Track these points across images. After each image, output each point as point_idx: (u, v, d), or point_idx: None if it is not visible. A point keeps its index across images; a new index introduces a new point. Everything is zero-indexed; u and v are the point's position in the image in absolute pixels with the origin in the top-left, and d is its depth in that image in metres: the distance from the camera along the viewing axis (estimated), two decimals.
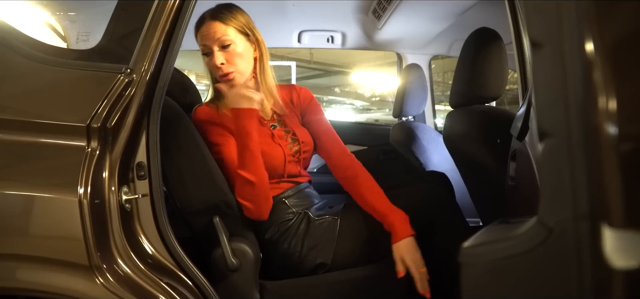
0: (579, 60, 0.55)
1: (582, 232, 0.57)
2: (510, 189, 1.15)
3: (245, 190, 1.34)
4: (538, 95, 0.63)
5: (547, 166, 0.62)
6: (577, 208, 0.58)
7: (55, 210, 1.02)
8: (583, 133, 0.56)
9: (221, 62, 1.40)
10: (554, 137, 0.61)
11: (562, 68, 0.58)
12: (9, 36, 1.14)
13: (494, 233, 0.77)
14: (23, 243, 1.02)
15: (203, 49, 1.43)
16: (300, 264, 1.41)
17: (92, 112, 1.05)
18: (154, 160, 1.14)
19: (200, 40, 1.43)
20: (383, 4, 2.28)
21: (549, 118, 0.61)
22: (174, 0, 1.13)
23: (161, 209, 1.15)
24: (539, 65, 0.63)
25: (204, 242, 1.35)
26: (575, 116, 0.57)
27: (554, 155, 0.61)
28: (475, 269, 0.71)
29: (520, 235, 0.66)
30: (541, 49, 0.62)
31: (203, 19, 1.43)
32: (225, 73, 1.41)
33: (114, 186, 1.07)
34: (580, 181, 0.57)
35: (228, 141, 1.41)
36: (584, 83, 0.55)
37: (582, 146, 0.57)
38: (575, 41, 0.55)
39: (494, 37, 1.51)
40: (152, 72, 1.11)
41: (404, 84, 2.59)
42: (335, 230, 1.41)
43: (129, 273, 1.06)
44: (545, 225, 0.62)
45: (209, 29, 1.41)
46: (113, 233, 1.07)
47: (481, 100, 1.54)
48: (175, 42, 1.15)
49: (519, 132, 0.99)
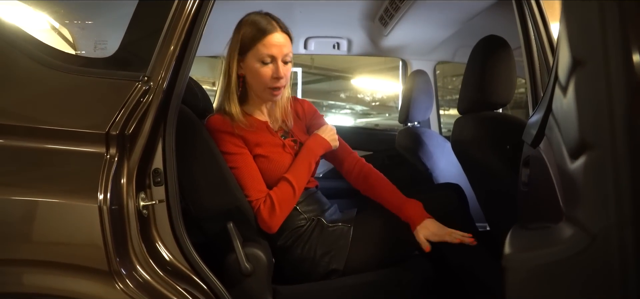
0: (624, 76, 0.57)
1: (626, 238, 0.59)
2: (523, 195, 1.16)
3: (285, 193, 1.40)
4: (580, 110, 0.65)
5: (590, 176, 0.64)
6: (620, 215, 0.60)
7: (75, 216, 1.03)
8: (628, 145, 0.58)
9: (283, 74, 1.43)
10: (597, 149, 0.63)
11: (607, 84, 0.60)
12: (26, 43, 1.15)
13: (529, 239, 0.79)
14: (44, 249, 1.04)
15: (264, 58, 1.40)
16: (313, 269, 1.42)
17: (110, 120, 1.06)
18: (170, 166, 1.15)
19: (266, 47, 1.40)
20: (390, 11, 2.30)
21: (593, 131, 0.64)
22: (190, 9, 1.15)
23: (177, 214, 1.16)
24: (581, 81, 0.65)
25: (218, 247, 1.36)
26: (620, 129, 0.59)
27: (598, 166, 0.63)
28: (520, 274, 0.73)
29: (564, 240, 0.68)
30: (584, 66, 0.64)
31: (272, 28, 1.41)
32: (280, 86, 1.44)
33: (131, 192, 1.09)
34: (625, 190, 0.59)
35: (243, 151, 1.43)
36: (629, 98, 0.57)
37: (627, 157, 0.59)
38: (620, 58, 0.57)
39: (503, 44, 1.53)
40: (168, 79, 1.12)
41: (410, 90, 2.60)
42: (348, 237, 1.43)
43: (148, 278, 1.08)
44: (588, 232, 0.64)
45: (280, 40, 1.41)
46: (131, 238, 1.08)
47: (490, 106, 1.55)
48: (191, 50, 1.16)
49: (534, 139, 1.00)
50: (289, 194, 1.41)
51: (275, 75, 1.41)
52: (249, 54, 1.42)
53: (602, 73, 0.61)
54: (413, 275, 1.45)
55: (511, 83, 1.52)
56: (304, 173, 1.45)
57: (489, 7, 2.10)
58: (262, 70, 1.41)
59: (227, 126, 1.43)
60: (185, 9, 1.14)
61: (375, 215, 1.51)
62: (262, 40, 1.40)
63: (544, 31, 1.30)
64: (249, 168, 1.42)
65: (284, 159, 1.48)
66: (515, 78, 1.54)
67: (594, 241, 0.63)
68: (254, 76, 1.44)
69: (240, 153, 1.42)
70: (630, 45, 0.55)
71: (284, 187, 1.41)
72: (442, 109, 7.15)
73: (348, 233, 1.44)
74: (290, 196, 1.41)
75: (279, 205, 1.38)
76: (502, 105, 1.56)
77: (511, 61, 1.51)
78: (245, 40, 1.41)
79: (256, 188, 1.40)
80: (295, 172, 1.43)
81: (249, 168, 1.41)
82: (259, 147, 1.45)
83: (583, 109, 0.66)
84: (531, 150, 1.08)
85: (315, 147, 1.49)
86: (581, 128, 0.66)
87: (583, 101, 0.66)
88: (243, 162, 1.42)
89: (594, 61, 0.62)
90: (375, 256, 1.44)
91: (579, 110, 0.67)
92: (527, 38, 1.49)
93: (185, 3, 1.14)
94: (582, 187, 0.66)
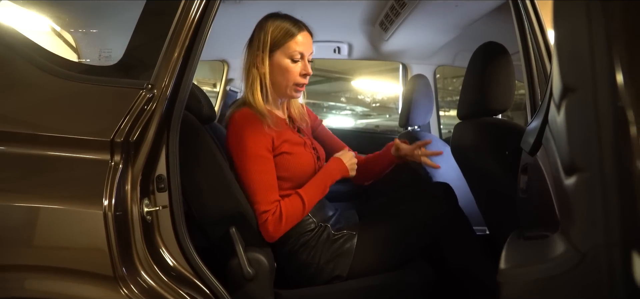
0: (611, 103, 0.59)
1: (614, 258, 0.61)
2: (522, 202, 1.18)
3: (295, 207, 1.42)
4: (571, 133, 0.67)
5: (580, 197, 0.66)
6: (609, 235, 0.62)
7: (80, 222, 1.05)
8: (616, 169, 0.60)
9: (310, 71, 1.50)
10: (586, 172, 0.65)
11: (595, 111, 0.62)
12: (30, 51, 1.17)
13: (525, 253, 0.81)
14: (49, 254, 1.05)
15: (294, 55, 1.47)
16: (317, 275, 1.44)
17: (115, 127, 1.08)
18: (174, 172, 1.17)
19: (298, 44, 1.47)
20: (390, 17, 2.31)
21: (582, 155, 0.66)
22: (193, 15, 1.16)
23: (180, 220, 1.18)
24: (572, 107, 0.67)
25: (221, 252, 1.38)
26: (609, 154, 0.61)
27: (587, 188, 0.65)
28: (514, 289, 0.75)
29: (555, 257, 0.70)
30: (574, 93, 0.66)
31: (302, 27, 1.51)
32: (305, 83, 1.52)
33: (136, 198, 1.10)
34: (613, 212, 0.61)
35: (269, 156, 1.43)
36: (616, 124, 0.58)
37: (615, 181, 0.60)
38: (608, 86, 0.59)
39: (502, 51, 1.54)
40: (172, 86, 1.14)
41: (410, 94, 2.62)
42: (353, 245, 1.45)
43: (152, 283, 1.09)
44: (579, 250, 0.65)
45: (306, 38, 1.50)
46: (135, 244, 1.10)
47: (490, 112, 1.57)
48: (195, 56, 1.18)
49: (531, 147, 1.02)
50: (298, 210, 1.42)
51: (303, 72, 1.49)
52: (278, 52, 1.47)
53: (591, 101, 0.63)
54: (413, 278, 1.47)
55: (510, 90, 1.54)
56: (317, 194, 1.48)
57: (489, 12, 2.12)
58: (292, 66, 1.48)
59: (259, 124, 1.42)
60: (188, 16, 1.16)
61: (379, 221, 1.53)
62: (294, 38, 1.47)
63: (541, 37, 1.31)
64: (268, 175, 1.41)
65: (306, 157, 1.51)
66: (514, 84, 1.56)
67: (584, 259, 0.65)
68: (282, 73, 1.48)
69: (267, 157, 1.42)
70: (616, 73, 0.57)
71: (296, 202, 1.42)
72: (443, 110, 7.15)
73: (353, 241, 1.46)
74: (299, 212, 1.43)
75: (286, 218, 1.39)
76: (501, 111, 1.58)
77: (510, 67, 1.53)
78: (276, 38, 1.47)
79: (269, 199, 1.39)
80: (309, 191, 1.45)
81: (268, 175, 1.41)
82: (286, 143, 1.47)
83: (573, 133, 0.68)
84: (529, 158, 1.09)
85: (335, 171, 1.53)
86: (572, 151, 0.68)
87: (573, 125, 0.68)
88: (267, 167, 1.42)
89: (583, 88, 0.64)
90: (379, 262, 1.47)
91: (570, 133, 0.68)
92: (525, 44, 1.50)
93: (189, 10, 1.16)
94: (573, 205, 0.68)
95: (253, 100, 1.46)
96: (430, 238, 1.52)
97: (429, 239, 1.52)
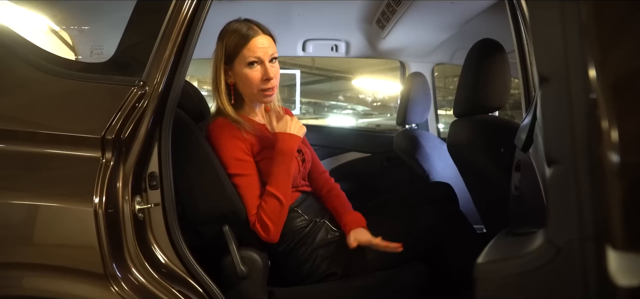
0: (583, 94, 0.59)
1: (587, 252, 0.61)
2: (515, 199, 1.18)
3: (272, 207, 1.37)
4: (546, 125, 0.67)
5: (555, 190, 0.65)
6: (583, 229, 0.61)
7: (70, 219, 1.04)
8: (588, 162, 0.60)
9: (273, 74, 1.45)
10: (561, 164, 0.64)
11: (568, 101, 0.62)
12: (22, 48, 1.17)
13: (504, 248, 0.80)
14: (39, 252, 1.05)
15: (251, 60, 1.43)
16: (312, 272, 1.44)
17: (106, 124, 1.07)
18: (166, 170, 1.16)
19: (251, 51, 1.42)
20: (387, 14, 2.31)
21: (557, 147, 0.65)
22: (185, 13, 1.16)
23: (173, 218, 1.17)
24: (546, 97, 0.66)
25: (214, 250, 1.37)
26: (581, 146, 0.61)
27: (561, 181, 0.64)
28: (490, 284, 0.75)
29: (530, 252, 0.69)
30: (549, 83, 0.65)
31: (255, 32, 1.44)
32: (272, 86, 1.46)
33: (127, 196, 1.10)
34: (586, 205, 0.60)
35: (250, 160, 1.43)
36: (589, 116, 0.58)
37: (588, 173, 0.60)
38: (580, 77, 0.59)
39: (497, 48, 1.54)
40: (164, 84, 1.13)
41: (407, 92, 2.61)
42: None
43: (143, 281, 1.09)
44: (554, 244, 0.65)
45: (264, 41, 1.44)
46: (127, 241, 1.09)
47: (485, 110, 1.56)
48: (187, 53, 1.17)
49: (524, 143, 1.02)
50: (274, 205, 1.38)
51: (264, 77, 1.44)
52: (236, 61, 1.45)
53: (565, 92, 0.62)
54: (408, 279, 1.47)
55: (506, 87, 1.53)
56: (284, 178, 1.40)
57: (486, 10, 2.11)
58: (250, 74, 1.44)
59: (234, 130, 1.43)
60: (181, 13, 1.15)
61: (377, 222, 1.52)
62: (247, 45, 1.42)
63: None
64: (252, 179, 1.41)
65: None
66: (509, 81, 1.55)
67: (559, 253, 0.64)
68: (244, 81, 1.46)
69: (247, 161, 1.42)
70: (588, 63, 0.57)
71: (269, 201, 1.38)
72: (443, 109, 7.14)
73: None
74: (277, 207, 1.38)
75: (269, 219, 1.37)
76: (496, 109, 1.57)
77: (506, 65, 1.52)
78: (230, 49, 1.44)
79: (256, 204, 1.39)
80: (275, 181, 1.40)
81: (252, 179, 1.41)
82: (267, 148, 1.46)
83: (549, 124, 0.67)
84: (522, 155, 1.09)
85: (287, 147, 1.42)
86: (547, 143, 0.67)
87: (548, 116, 0.67)
88: (249, 171, 1.42)
89: (557, 79, 0.64)
90: (375, 261, 1.46)
91: (546, 124, 0.68)
92: (520, 41, 1.50)
93: (182, 7, 1.16)
94: (549, 198, 0.68)
95: (224, 110, 1.46)
96: (430, 243, 1.51)
97: (428, 243, 1.51)
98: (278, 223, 1.39)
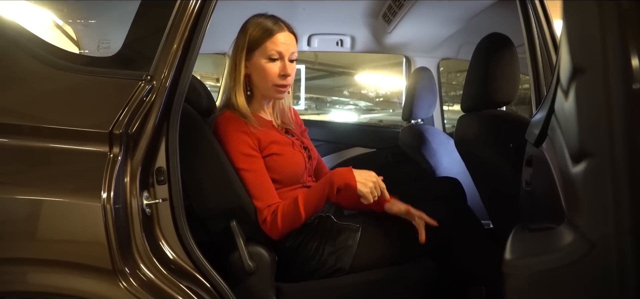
0: (623, 85, 0.57)
1: (625, 247, 0.59)
2: (526, 194, 1.16)
3: (291, 212, 1.36)
4: (580, 117, 0.65)
5: (589, 184, 0.64)
6: (620, 224, 0.59)
7: (79, 214, 1.04)
8: (628, 154, 0.58)
9: (290, 72, 1.46)
10: (596, 157, 0.62)
11: (606, 92, 0.60)
12: (29, 43, 1.16)
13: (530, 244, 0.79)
14: (47, 248, 1.05)
15: (272, 55, 1.43)
16: (319, 267, 1.43)
17: (114, 119, 1.07)
18: (174, 165, 1.16)
19: (274, 45, 1.43)
20: (393, 9, 2.29)
21: (592, 139, 0.63)
22: (193, 7, 1.15)
23: (181, 213, 1.16)
24: (581, 89, 0.65)
25: (221, 246, 1.36)
26: (620, 138, 0.59)
27: (597, 174, 0.63)
28: (520, 280, 0.73)
29: (563, 247, 0.68)
30: (584, 74, 0.64)
31: (280, 28, 1.45)
32: (286, 84, 1.47)
33: (135, 191, 1.09)
34: (624, 199, 0.59)
35: (257, 154, 1.42)
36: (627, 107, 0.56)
37: (626, 166, 0.58)
38: (620, 67, 0.57)
39: (506, 42, 1.52)
40: (171, 78, 1.13)
41: (413, 87, 2.60)
42: (356, 238, 1.43)
43: (151, 276, 1.08)
44: (588, 239, 0.63)
45: (287, 38, 1.46)
46: (135, 237, 1.09)
47: (494, 104, 1.55)
48: (195, 48, 1.17)
49: (537, 138, 1.00)
50: (294, 216, 1.36)
51: (282, 73, 1.44)
52: (257, 52, 1.45)
53: (602, 82, 0.60)
54: (415, 274, 1.46)
55: (514, 81, 1.52)
56: (315, 203, 1.38)
57: (492, 4, 2.09)
58: (269, 67, 1.44)
59: (242, 125, 1.42)
60: (188, 7, 1.15)
61: (384, 217, 1.51)
62: (271, 38, 1.43)
63: (547, 29, 1.29)
64: (261, 173, 1.41)
65: (296, 157, 1.49)
66: (518, 76, 1.54)
67: (593, 248, 0.63)
68: (261, 74, 1.45)
69: (255, 156, 1.41)
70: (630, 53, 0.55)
71: (293, 208, 1.36)
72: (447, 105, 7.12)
73: (356, 233, 1.45)
74: (294, 218, 1.36)
75: (282, 220, 1.36)
76: (505, 103, 1.56)
77: (514, 59, 1.51)
78: (253, 39, 1.44)
79: (264, 198, 1.38)
80: (307, 199, 1.37)
81: (261, 173, 1.40)
82: (273, 144, 1.45)
83: (583, 116, 0.66)
84: (534, 150, 1.08)
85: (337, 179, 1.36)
86: (581, 136, 0.66)
87: (583, 108, 0.65)
88: (257, 166, 1.41)
89: (593, 69, 0.62)
90: (382, 257, 1.45)
91: (579, 117, 0.66)
92: (530, 35, 1.48)
93: (188, 2, 1.15)
94: (582, 193, 0.66)
95: (235, 102, 1.45)
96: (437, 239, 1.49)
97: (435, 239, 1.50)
98: (285, 227, 1.38)
